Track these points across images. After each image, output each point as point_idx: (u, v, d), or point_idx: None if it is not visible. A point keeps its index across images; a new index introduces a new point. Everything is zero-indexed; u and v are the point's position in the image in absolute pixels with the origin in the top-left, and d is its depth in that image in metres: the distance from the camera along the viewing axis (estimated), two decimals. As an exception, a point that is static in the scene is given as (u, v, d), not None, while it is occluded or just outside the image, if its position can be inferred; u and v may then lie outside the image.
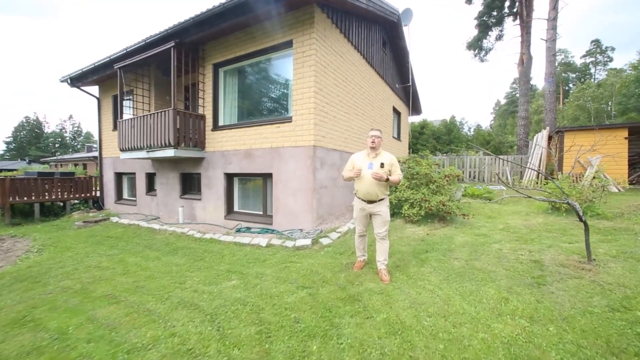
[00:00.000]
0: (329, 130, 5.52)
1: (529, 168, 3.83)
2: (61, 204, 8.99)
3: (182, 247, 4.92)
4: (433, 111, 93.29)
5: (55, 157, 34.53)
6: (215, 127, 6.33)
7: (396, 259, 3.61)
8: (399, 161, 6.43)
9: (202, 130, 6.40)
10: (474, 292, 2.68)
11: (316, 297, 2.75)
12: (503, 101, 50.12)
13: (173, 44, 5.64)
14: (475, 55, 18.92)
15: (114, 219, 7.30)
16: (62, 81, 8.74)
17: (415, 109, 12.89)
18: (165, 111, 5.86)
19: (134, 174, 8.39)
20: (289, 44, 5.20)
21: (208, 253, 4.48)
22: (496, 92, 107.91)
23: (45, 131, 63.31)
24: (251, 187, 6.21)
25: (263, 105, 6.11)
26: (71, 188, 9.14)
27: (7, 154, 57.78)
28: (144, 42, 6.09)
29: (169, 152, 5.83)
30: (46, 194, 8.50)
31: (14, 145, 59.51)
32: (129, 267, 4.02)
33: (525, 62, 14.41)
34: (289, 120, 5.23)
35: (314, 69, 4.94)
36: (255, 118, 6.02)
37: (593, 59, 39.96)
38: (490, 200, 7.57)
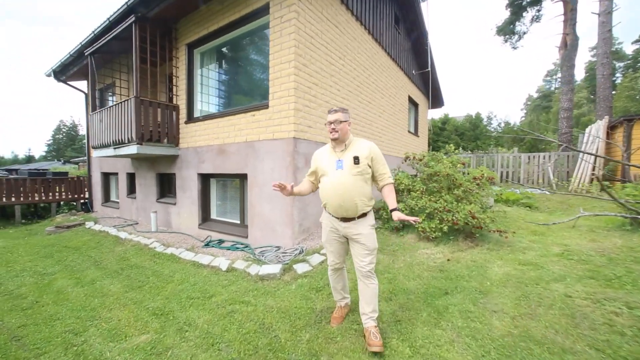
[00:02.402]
0: (319, 118, 4.33)
1: (629, 165, 2.38)
2: (44, 205, 8.46)
3: (134, 265, 3.94)
4: (456, 106, 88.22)
5: (83, 157, 35.93)
6: (190, 119, 5.34)
7: (397, 306, 2.36)
8: (413, 158, 5.13)
9: (175, 123, 5.44)
10: (536, 405, 1.38)
11: (245, 390, 1.58)
12: (535, 95, 46.09)
13: (133, 19, 4.69)
14: (506, 41, 16.79)
15: (89, 224, 6.55)
16: (47, 75, 8.20)
17: (435, 100, 11.34)
18: (126, 100, 4.94)
19: (117, 174, 7.65)
20: (265, 10, 4.06)
21: (155, 277, 3.46)
22: (528, 85, 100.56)
23: (80, 133, 66.97)
24: (229, 190, 5.15)
25: (241, 92, 5.03)
26: (61, 189, 8.63)
27: (49, 155, 61.54)
28: (108, 22, 5.22)
29: (132, 149, 4.90)
30: (32, 195, 8.00)
31: (53, 147, 63.35)
32: (45, 296, 3.08)
33: (569, 45, 12.32)
34: (265, 106, 4.10)
35: (295, 37, 3.77)
36: (231, 107, 4.96)
37: (645, 45, 35.40)
38: (529, 207, 6.01)
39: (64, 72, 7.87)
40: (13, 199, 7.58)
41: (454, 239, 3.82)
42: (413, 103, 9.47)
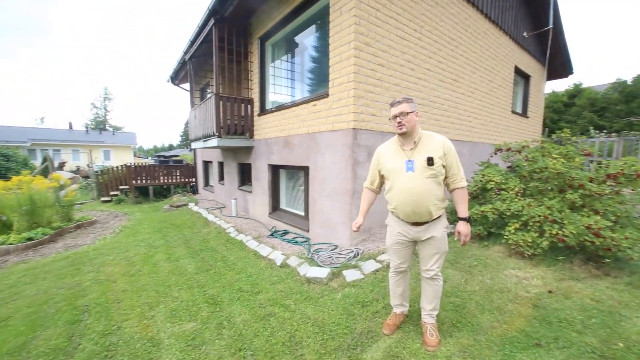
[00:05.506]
0: (385, 105, 3.79)
1: None
2: (165, 187, 10.57)
3: (210, 248, 4.45)
4: (594, 71, 66.71)
5: (200, 146, 43.77)
6: (262, 111, 5.58)
7: (457, 348, 1.82)
8: (508, 150, 3.99)
9: (250, 115, 5.79)
10: None
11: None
12: None
13: (213, 21, 5.09)
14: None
15: (191, 205, 7.85)
16: (167, 82, 10.03)
17: (559, 67, 8.72)
18: (209, 97, 5.49)
19: (212, 162, 8.86)
20: (326, -12, 3.72)
21: (222, 262, 3.80)
22: None
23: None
24: (295, 182, 5.20)
25: (307, 81, 4.88)
26: (178, 174, 10.64)
27: (182, 143, 77.92)
28: (197, 28, 5.85)
29: (214, 142, 5.48)
30: (160, 178, 10.17)
31: (184, 137, 79.70)
32: (145, 267, 3.78)
33: None
34: (325, 95, 3.84)
35: (355, 12, 3.31)
36: (298, 97, 4.89)
37: None
38: None
39: (176, 77, 9.46)
40: (148, 182, 9.79)
41: (565, 261, 2.80)
42: (522, 75, 7.49)
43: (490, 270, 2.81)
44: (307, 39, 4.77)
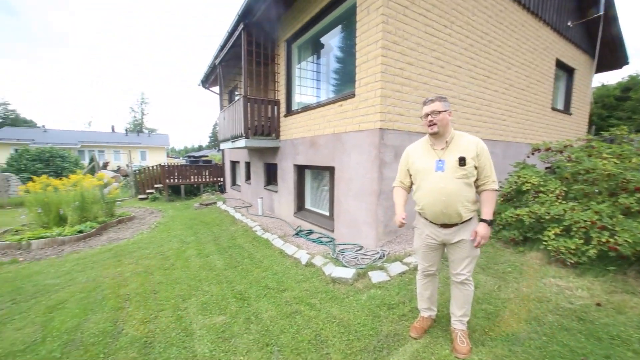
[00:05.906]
0: (413, 104, 3.70)
1: None
2: (195, 185, 11.07)
3: (237, 245, 4.61)
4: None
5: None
6: (288, 112, 5.67)
7: (490, 358, 1.73)
8: (547, 149, 3.71)
9: (276, 116, 5.91)
10: None
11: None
12: None
13: (242, 26, 5.26)
14: None
15: (219, 204, 8.17)
16: (198, 85, 10.54)
17: (610, 58, 7.95)
18: (237, 100, 5.69)
19: (239, 162, 9.16)
20: (353, -13, 3.70)
21: (249, 259, 3.91)
22: None
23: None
24: (320, 182, 5.23)
25: (333, 82, 4.89)
26: (207, 173, 11.13)
27: (210, 144, 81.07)
28: (227, 33, 6.09)
29: (241, 143, 5.66)
30: (191, 178, 10.70)
31: (212, 138, 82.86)
32: (178, 261, 3.99)
33: None
34: (351, 95, 3.82)
35: (383, 11, 3.26)
36: (323, 98, 4.91)
37: None
38: None
39: (207, 81, 9.90)
40: (179, 181, 10.35)
41: (618, 270, 2.56)
42: (565, 68, 6.93)
43: (526, 278, 2.64)
44: (333, 40, 4.78)
